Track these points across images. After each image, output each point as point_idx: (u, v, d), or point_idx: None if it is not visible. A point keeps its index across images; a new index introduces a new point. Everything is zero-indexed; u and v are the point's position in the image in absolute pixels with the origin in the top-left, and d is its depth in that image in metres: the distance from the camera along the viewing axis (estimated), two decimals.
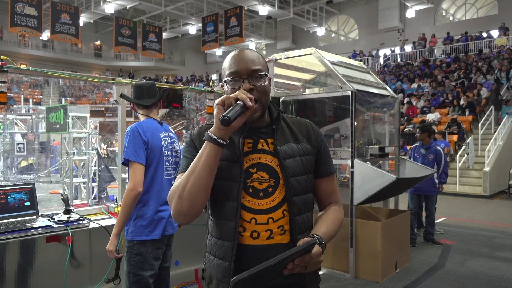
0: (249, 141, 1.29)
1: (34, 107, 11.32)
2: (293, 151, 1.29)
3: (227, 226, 1.24)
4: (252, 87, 1.23)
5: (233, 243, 1.22)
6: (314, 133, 1.37)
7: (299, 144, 1.32)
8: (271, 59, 4.91)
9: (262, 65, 1.28)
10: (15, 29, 14.96)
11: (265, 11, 20.40)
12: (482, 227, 6.83)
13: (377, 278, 4.10)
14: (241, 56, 1.26)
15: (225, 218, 1.25)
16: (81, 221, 2.68)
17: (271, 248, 1.22)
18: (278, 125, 1.32)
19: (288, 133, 1.33)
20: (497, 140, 11.32)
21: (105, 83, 3.69)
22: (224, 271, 1.24)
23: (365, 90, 4.48)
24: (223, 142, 1.16)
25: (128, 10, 23.39)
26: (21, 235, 2.42)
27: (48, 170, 9.53)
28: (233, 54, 1.29)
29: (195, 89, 4.34)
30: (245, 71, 1.24)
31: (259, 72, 1.25)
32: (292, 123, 1.37)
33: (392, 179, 3.98)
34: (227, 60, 1.29)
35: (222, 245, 1.26)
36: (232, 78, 1.25)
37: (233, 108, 1.13)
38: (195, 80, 28.96)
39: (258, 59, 1.28)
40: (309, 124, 1.40)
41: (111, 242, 2.23)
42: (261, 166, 1.26)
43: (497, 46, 17.83)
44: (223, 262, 1.25)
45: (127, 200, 2.19)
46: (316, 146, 1.35)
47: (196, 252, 3.50)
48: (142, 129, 2.29)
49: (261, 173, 1.26)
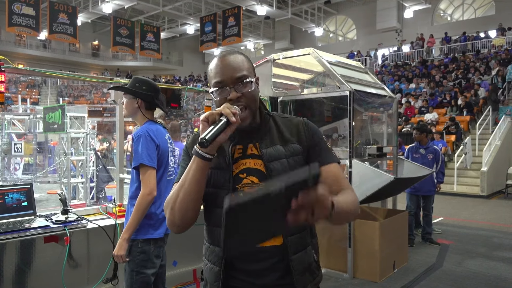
0: (239, 147, 1.28)
1: (32, 107, 11.28)
2: (279, 153, 1.26)
3: (217, 232, 1.24)
4: (239, 94, 1.21)
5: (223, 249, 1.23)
6: (305, 131, 1.32)
7: (287, 145, 1.28)
8: (269, 59, 4.92)
9: (247, 70, 1.24)
10: (12, 28, 14.89)
11: (263, 11, 20.40)
12: (479, 226, 6.85)
13: (375, 278, 4.11)
14: (224, 64, 1.22)
15: (214, 225, 1.26)
16: (79, 221, 2.68)
17: (263, 250, 1.21)
18: (265, 129, 1.29)
19: (276, 135, 1.30)
20: (494, 140, 11.35)
21: (102, 83, 3.68)
22: (214, 275, 1.26)
23: (363, 90, 4.48)
24: (209, 157, 1.16)
25: (126, 10, 23.36)
26: (19, 235, 2.42)
27: (46, 170, 9.50)
28: (216, 62, 1.24)
29: (193, 89, 4.34)
30: (230, 79, 1.21)
31: (244, 79, 1.22)
32: (283, 123, 1.33)
33: (390, 179, 3.98)
34: (211, 68, 1.25)
35: (213, 251, 1.28)
36: (217, 88, 1.22)
37: (215, 126, 1.12)
38: (193, 80, 28.94)
39: (242, 64, 1.24)
40: (301, 123, 1.34)
41: (121, 247, 2.18)
42: (251, 171, 1.25)
43: (495, 46, 17.90)
44: (214, 267, 1.27)
45: (143, 205, 2.17)
46: (306, 145, 1.30)
47: (194, 252, 3.50)
48: (153, 133, 2.28)
49: (251, 177, 1.25)
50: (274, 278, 1.24)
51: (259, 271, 1.24)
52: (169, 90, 3.73)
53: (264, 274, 1.24)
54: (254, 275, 1.24)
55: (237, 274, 1.26)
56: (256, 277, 1.24)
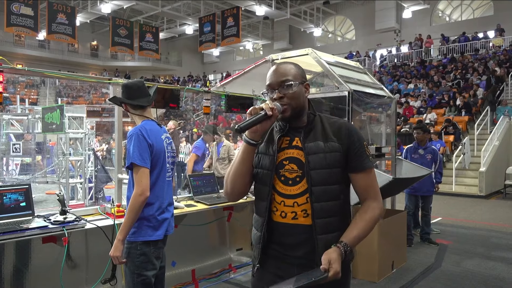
0: (286, 138, 1.56)
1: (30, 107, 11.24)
2: (318, 148, 1.51)
3: (261, 205, 1.56)
4: (282, 95, 1.50)
5: (264, 218, 1.53)
6: (344, 132, 1.54)
7: (327, 142, 1.52)
8: (268, 59, 4.92)
9: (292, 75, 1.53)
10: (11, 29, 14.86)
11: (262, 11, 20.41)
12: (478, 227, 6.86)
13: (373, 278, 4.11)
14: (274, 70, 1.55)
15: (260, 199, 1.57)
16: (77, 221, 2.67)
17: (295, 227, 1.50)
18: (310, 126, 1.56)
19: (320, 132, 1.55)
20: (493, 140, 11.36)
21: (100, 83, 3.68)
22: (258, 238, 1.57)
23: (361, 90, 4.48)
24: (252, 142, 1.48)
25: (125, 10, 23.35)
26: (17, 235, 2.41)
27: (44, 171, 9.48)
28: (271, 69, 1.57)
29: (192, 89, 4.34)
30: (275, 83, 1.52)
31: (286, 82, 1.51)
32: (328, 123, 1.57)
33: (389, 179, 3.98)
34: (267, 73, 1.58)
35: (257, 219, 1.58)
36: (267, 89, 1.55)
37: (252, 117, 1.41)
38: (192, 80, 28.92)
39: (289, 70, 1.54)
40: (343, 125, 1.57)
41: (117, 248, 2.16)
42: (293, 159, 1.53)
43: (494, 46, 17.93)
44: (257, 232, 1.58)
45: (135, 205, 2.15)
46: (345, 144, 1.52)
47: (193, 252, 3.50)
48: (146, 132, 2.24)
49: (292, 165, 1.53)
50: (300, 252, 1.49)
51: (289, 244, 1.51)
52: (168, 90, 3.72)
53: (293, 248, 1.50)
54: (285, 247, 1.52)
55: (273, 245, 1.54)
56: (286, 249, 1.51)
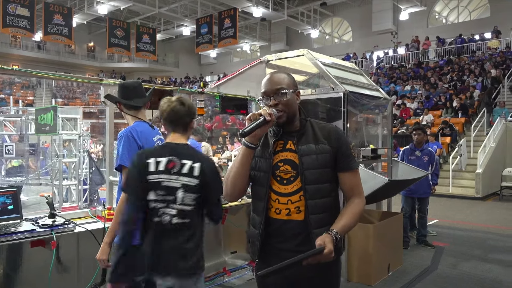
0: (281, 142, 1.71)
1: (24, 108, 11.15)
2: (310, 150, 1.66)
3: (259, 205, 1.70)
4: (277, 102, 1.65)
5: (262, 217, 1.68)
6: (334, 136, 1.70)
7: (318, 144, 1.67)
8: (263, 60, 4.88)
9: (286, 84, 1.68)
10: (7, 29, 14.79)
11: (259, 13, 20.40)
12: (474, 228, 6.84)
13: (369, 281, 4.07)
14: (269, 79, 1.69)
15: (258, 199, 1.72)
16: (66, 225, 2.62)
17: (289, 222, 1.65)
18: (303, 130, 1.70)
19: (311, 136, 1.70)
20: (489, 142, 11.36)
21: (92, 83, 3.63)
22: (255, 235, 1.71)
23: (357, 91, 4.45)
24: (252, 146, 1.62)
25: (122, 11, 23.26)
26: (4, 239, 2.36)
27: (38, 172, 9.39)
28: (265, 79, 1.70)
29: (185, 90, 4.30)
30: (270, 91, 1.67)
31: (281, 90, 1.66)
32: (319, 128, 1.73)
33: (385, 181, 3.95)
34: (262, 83, 1.70)
35: (254, 218, 1.74)
36: (263, 96, 1.69)
37: (253, 122, 1.56)
38: (189, 82, 28.86)
39: (283, 80, 1.69)
40: (332, 129, 1.73)
41: (103, 251, 2.12)
42: (287, 161, 1.68)
43: (490, 48, 17.97)
44: (254, 230, 1.72)
45: (122, 208, 2.09)
46: (334, 147, 1.68)
47: None
48: (136, 134, 2.22)
49: (286, 166, 1.67)
50: (292, 245, 1.64)
51: (282, 238, 1.66)
52: (162, 92, 3.68)
53: (287, 241, 1.65)
54: (279, 240, 1.66)
55: (268, 239, 1.68)
56: (280, 242, 1.66)
